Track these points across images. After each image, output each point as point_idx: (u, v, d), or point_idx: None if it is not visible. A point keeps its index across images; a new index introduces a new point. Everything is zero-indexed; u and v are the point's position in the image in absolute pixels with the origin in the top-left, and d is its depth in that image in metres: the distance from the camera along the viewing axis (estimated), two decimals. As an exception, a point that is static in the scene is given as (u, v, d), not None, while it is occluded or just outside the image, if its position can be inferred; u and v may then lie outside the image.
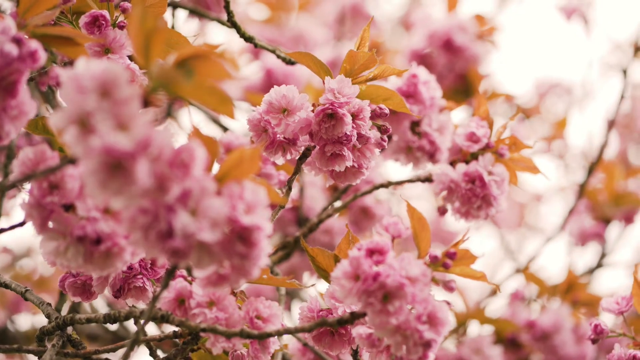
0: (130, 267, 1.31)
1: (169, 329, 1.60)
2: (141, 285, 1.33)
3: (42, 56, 1.06)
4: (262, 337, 1.20)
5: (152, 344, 1.41)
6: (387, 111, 1.39)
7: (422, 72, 1.68)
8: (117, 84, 0.94)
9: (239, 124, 2.31)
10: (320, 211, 1.94)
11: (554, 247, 2.95)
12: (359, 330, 1.23)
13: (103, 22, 1.31)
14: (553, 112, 3.82)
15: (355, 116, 1.35)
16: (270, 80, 2.51)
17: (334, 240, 2.22)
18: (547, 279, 2.62)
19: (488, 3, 4.40)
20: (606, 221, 2.87)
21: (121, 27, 1.32)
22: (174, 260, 1.02)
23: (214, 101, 1.01)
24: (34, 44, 1.06)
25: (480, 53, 2.54)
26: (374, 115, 1.39)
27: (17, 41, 1.05)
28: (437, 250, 1.21)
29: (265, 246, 1.05)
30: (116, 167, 0.95)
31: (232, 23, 1.61)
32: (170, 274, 1.11)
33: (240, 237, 1.03)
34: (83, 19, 1.31)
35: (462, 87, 2.58)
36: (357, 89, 1.35)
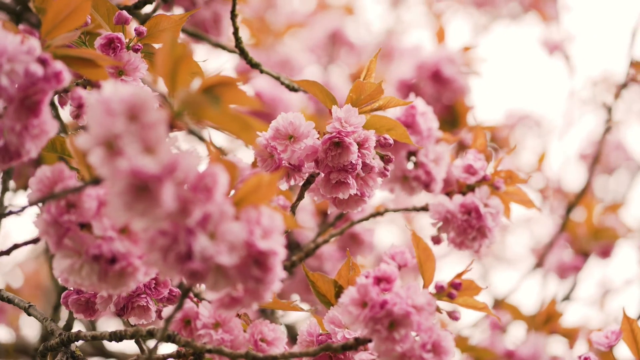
0: (134, 286, 1.32)
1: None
2: (144, 304, 1.34)
3: (67, 77, 1.08)
4: (267, 360, 1.22)
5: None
6: (391, 141, 1.42)
7: (420, 104, 1.71)
8: (145, 108, 0.96)
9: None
10: (314, 236, 1.96)
11: (521, 277, 2.98)
12: (361, 357, 1.26)
13: (118, 45, 1.33)
14: (523, 143, 3.87)
15: (360, 145, 1.38)
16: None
17: (323, 265, 2.24)
18: (521, 308, 2.66)
19: (467, 33, 4.43)
20: (585, 255, 2.92)
21: (136, 50, 1.34)
22: (191, 282, 1.03)
23: (236, 127, 1.03)
24: (59, 65, 1.07)
25: (467, 85, 2.58)
26: (378, 145, 1.41)
27: (43, 62, 1.07)
28: (443, 281, 1.23)
29: (280, 271, 1.06)
30: (142, 189, 0.96)
31: (240, 49, 1.64)
32: (185, 295, 1.12)
33: (256, 262, 1.04)
34: (99, 41, 1.33)
35: (449, 117, 2.61)
36: (363, 119, 1.37)
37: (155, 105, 0.97)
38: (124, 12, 1.35)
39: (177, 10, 2.11)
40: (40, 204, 1.12)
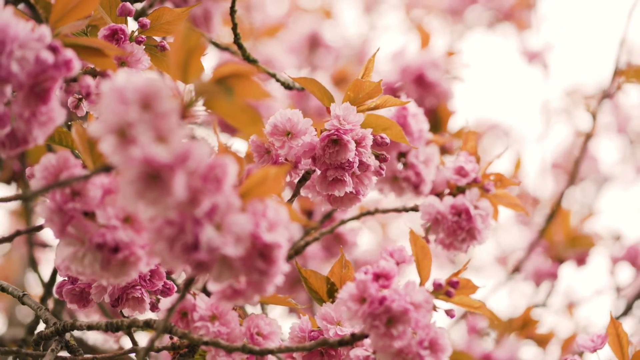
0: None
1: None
2: (139, 296, 1.35)
3: (76, 65, 1.08)
4: (263, 354, 1.23)
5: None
6: (388, 140, 1.43)
7: (412, 105, 1.73)
8: (159, 97, 0.97)
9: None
10: (302, 235, 1.97)
11: (498, 284, 3.01)
12: (356, 353, 1.27)
13: (122, 36, 1.33)
14: (490, 152, 3.91)
15: (358, 143, 1.39)
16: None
17: (307, 264, 2.25)
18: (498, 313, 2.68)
19: (443, 40, 4.45)
20: (560, 261, 2.95)
21: (139, 42, 1.35)
22: (196, 272, 1.04)
23: (245, 120, 1.04)
24: (69, 53, 1.08)
25: (450, 90, 2.59)
26: (375, 144, 1.42)
27: (53, 49, 1.07)
28: (441, 279, 1.24)
29: (283, 264, 1.07)
30: (153, 177, 0.97)
31: (238, 45, 1.64)
32: (188, 286, 1.13)
33: (261, 254, 1.05)
34: (102, 32, 1.33)
35: (432, 121, 2.62)
36: (361, 117, 1.38)
37: (169, 95, 0.97)
38: (128, 4, 1.35)
39: (167, 6, 2.11)
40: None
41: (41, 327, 1.54)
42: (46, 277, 2.05)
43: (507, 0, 4.37)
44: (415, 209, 1.69)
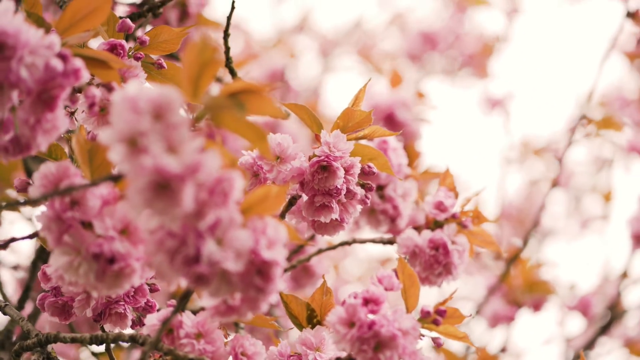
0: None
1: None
2: (122, 311, 1.34)
3: (85, 75, 1.09)
4: (247, 373, 1.23)
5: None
6: (375, 170, 1.45)
7: (392, 139, 1.75)
8: (171, 109, 0.98)
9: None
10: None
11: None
12: (339, 377, 1.27)
13: (121, 52, 1.33)
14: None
15: (346, 171, 1.40)
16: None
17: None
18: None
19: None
20: (518, 306, 2.99)
21: (137, 59, 1.36)
22: (195, 285, 1.04)
23: (252, 136, 1.05)
24: (78, 62, 1.08)
25: (419, 130, 2.63)
26: (362, 173, 1.44)
27: (63, 57, 1.08)
28: (429, 306, 1.26)
29: (280, 283, 1.08)
30: (163, 187, 0.97)
31: (230, 69, 1.66)
32: (184, 299, 1.13)
33: (259, 271, 1.06)
34: (101, 46, 1.33)
35: (399, 161, 2.65)
36: (351, 145, 1.40)
37: (181, 107, 0.98)
38: (128, 20, 1.36)
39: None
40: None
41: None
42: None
43: (467, 48, 4.44)
44: (392, 241, 1.71)
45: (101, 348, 2.27)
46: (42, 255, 1.89)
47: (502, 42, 4.39)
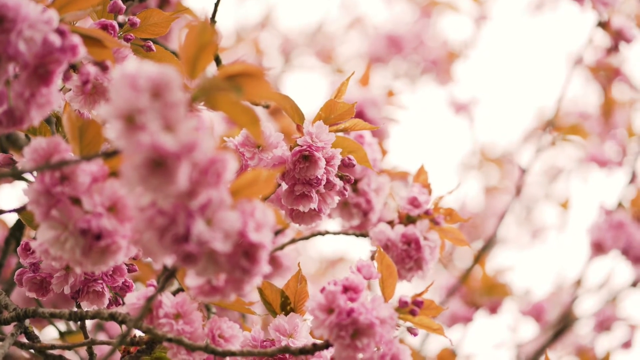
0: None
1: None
2: (100, 290, 1.35)
3: (82, 51, 1.10)
4: (225, 355, 1.24)
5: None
6: (354, 162, 1.47)
7: (368, 134, 1.77)
8: (170, 88, 0.99)
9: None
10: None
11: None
12: (317, 362, 1.29)
13: (112, 32, 1.34)
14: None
15: (326, 162, 1.42)
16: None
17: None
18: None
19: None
20: (476, 307, 3.02)
21: (127, 40, 1.36)
22: (184, 264, 1.05)
23: (245, 120, 1.07)
24: (76, 39, 1.09)
25: (387, 129, 2.65)
26: (342, 165, 1.46)
27: (61, 33, 1.09)
28: (407, 296, 1.28)
29: (265, 266, 1.09)
30: (159, 165, 0.98)
31: (215, 57, 1.67)
32: (169, 277, 1.15)
33: (245, 253, 1.07)
34: (93, 26, 1.34)
35: (366, 159, 2.66)
36: (333, 137, 1.42)
37: (179, 86, 0.99)
38: (119, 1, 1.37)
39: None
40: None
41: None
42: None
43: (430, 53, 4.47)
44: (365, 234, 1.73)
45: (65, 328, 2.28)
46: (15, 234, 1.88)
47: (468, 48, 4.43)
